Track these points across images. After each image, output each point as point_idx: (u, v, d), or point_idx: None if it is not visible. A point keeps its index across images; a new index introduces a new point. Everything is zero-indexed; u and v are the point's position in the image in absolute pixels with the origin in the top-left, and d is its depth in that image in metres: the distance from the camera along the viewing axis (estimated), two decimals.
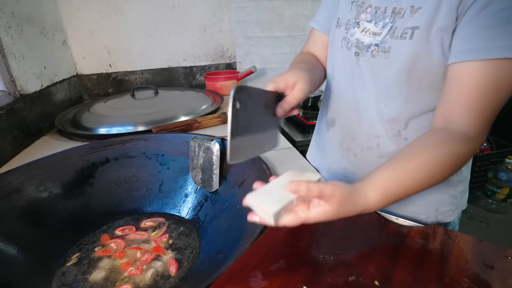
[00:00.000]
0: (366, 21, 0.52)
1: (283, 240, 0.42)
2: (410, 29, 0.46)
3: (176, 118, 0.99)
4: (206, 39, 1.47)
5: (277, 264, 0.38)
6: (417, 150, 0.40)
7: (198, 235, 0.65)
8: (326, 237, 0.42)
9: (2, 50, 0.86)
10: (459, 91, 0.42)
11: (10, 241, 0.58)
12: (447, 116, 0.43)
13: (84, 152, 0.77)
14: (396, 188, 0.38)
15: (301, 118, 1.43)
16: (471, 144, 0.41)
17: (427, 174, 0.39)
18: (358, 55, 0.55)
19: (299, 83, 0.46)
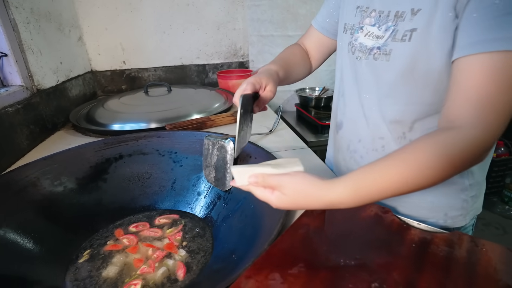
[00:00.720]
0: (370, 25, 0.53)
1: (302, 242, 0.41)
2: (410, 31, 0.46)
3: (189, 116, 0.99)
4: (219, 37, 1.47)
5: (296, 267, 0.36)
6: (402, 152, 0.38)
7: (212, 235, 0.64)
8: (346, 240, 0.41)
9: (21, 45, 0.87)
10: (459, 87, 0.40)
11: (26, 234, 0.58)
12: (449, 115, 0.41)
13: (98, 147, 0.77)
14: (370, 187, 0.36)
15: (313, 119, 1.42)
16: (473, 142, 0.37)
17: (408, 176, 0.36)
18: (361, 58, 0.56)
19: (269, 85, 0.54)
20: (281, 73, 0.60)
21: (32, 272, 0.55)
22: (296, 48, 0.72)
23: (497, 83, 0.37)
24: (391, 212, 0.47)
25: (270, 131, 0.92)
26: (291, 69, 0.66)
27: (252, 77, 0.54)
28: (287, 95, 1.63)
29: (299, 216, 0.47)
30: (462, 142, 0.37)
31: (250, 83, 0.52)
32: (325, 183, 0.37)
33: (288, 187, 0.37)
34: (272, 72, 0.58)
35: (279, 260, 0.38)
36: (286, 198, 0.38)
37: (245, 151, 0.74)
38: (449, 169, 0.36)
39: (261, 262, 0.38)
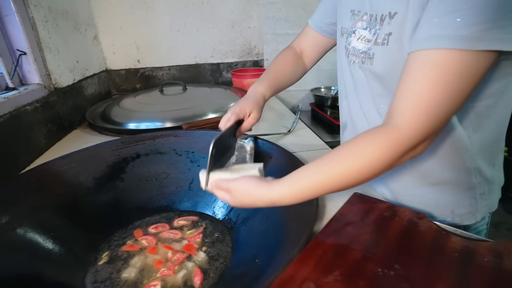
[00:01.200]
0: (362, 28, 0.53)
1: (334, 249, 0.39)
2: (387, 35, 0.47)
3: (204, 115, 0.98)
4: (234, 36, 1.45)
5: (332, 276, 0.34)
6: (329, 156, 0.41)
7: (231, 238, 0.62)
8: (381, 248, 0.38)
9: (39, 43, 0.87)
10: (400, 82, 0.40)
11: (45, 233, 0.58)
12: (391, 108, 0.41)
13: (115, 146, 0.77)
14: (303, 186, 0.40)
15: (329, 118, 1.39)
16: (399, 142, 0.38)
17: (334, 174, 0.39)
18: (354, 62, 0.56)
19: (253, 112, 0.59)
20: (269, 92, 0.63)
21: (51, 273, 0.54)
22: (288, 55, 0.72)
23: (429, 81, 0.37)
24: (427, 217, 0.44)
25: (289, 131, 0.89)
26: (282, 81, 0.67)
27: (237, 104, 0.58)
28: (302, 94, 1.61)
29: (328, 222, 0.45)
30: (388, 140, 0.38)
31: (234, 113, 0.57)
32: (267, 184, 0.42)
33: (235, 190, 0.44)
34: (258, 96, 0.61)
35: (311, 268, 0.36)
36: (236, 200, 0.45)
37: (264, 151, 0.72)
38: (369, 169, 0.38)
39: (293, 269, 0.35)
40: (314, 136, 0.87)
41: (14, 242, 0.53)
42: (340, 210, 0.47)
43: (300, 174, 0.42)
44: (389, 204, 0.48)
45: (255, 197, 0.43)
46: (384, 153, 0.38)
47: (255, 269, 0.49)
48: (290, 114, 1.10)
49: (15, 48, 0.82)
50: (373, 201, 0.49)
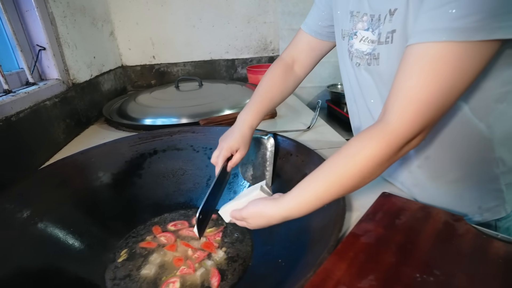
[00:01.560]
0: (363, 29, 0.51)
1: (366, 251, 0.37)
2: (390, 32, 0.45)
3: (221, 111, 0.96)
4: (249, 31, 1.43)
5: (366, 280, 0.32)
6: (330, 158, 0.41)
7: (251, 237, 0.61)
8: (417, 251, 0.36)
9: (58, 38, 0.87)
10: (395, 77, 0.39)
11: (65, 228, 0.57)
12: (386, 103, 0.40)
13: (133, 142, 0.76)
14: (308, 198, 0.41)
15: (346, 115, 1.35)
16: (392, 139, 0.37)
17: (333, 181, 0.40)
18: (359, 65, 0.54)
19: (240, 148, 0.61)
20: (257, 119, 0.64)
21: (72, 268, 0.54)
22: (276, 72, 0.69)
23: (423, 76, 0.35)
24: (464, 220, 0.41)
25: (308, 128, 0.87)
26: (270, 103, 0.67)
27: (225, 141, 0.61)
28: (318, 91, 1.58)
29: (358, 222, 0.43)
30: (382, 137, 0.37)
31: (221, 155, 0.60)
32: (274, 202, 0.44)
33: (248, 217, 0.46)
34: (244, 129, 0.62)
35: (344, 272, 0.34)
36: (253, 224, 0.46)
37: (284, 148, 0.70)
38: (367, 170, 0.38)
39: (324, 272, 0.34)
40: (334, 133, 0.85)
41: (35, 236, 0.53)
42: (369, 210, 0.45)
43: (302, 186, 0.42)
44: (421, 204, 0.45)
45: (267, 217, 0.44)
46: (377, 152, 0.37)
47: (279, 270, 0.47)
48: (307, 111, 1.08)
49: (35, 44, 0.82)
50: (403, 201, 0.47)
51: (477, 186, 0.52)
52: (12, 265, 0.47)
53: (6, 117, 0.62)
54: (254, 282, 0.50)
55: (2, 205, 0.52)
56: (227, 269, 0.54)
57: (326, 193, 0.40)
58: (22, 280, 0.47)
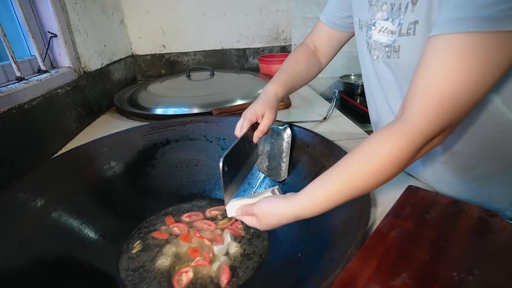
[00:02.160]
0: (382, 19, 0.48)
1: (396, 247, 0.35)
2: (413, 23, 0.42)
3: (233, 101, 0.94)
4: (261, 20, 1.39)
5: (399, 278, 0.30)
6: (347, 155, 0.39)
7: (267, 231, 0.59)
8: (453, 248, 0.34)
9: (69, 25, 0.85)
10: (416, 70, 0.36)
11: (79, 217, 0.57)
12: (405, 99, 0.37)
13: (145, 132, 0.75)
14: (322, 195, 0.39)
15: (360, 106, 1.32)
16: (411, 139, 0.34)
17: (347, 182, 0.37)
18: (378, 57, 0.51)
19: (266, 113, 0.55)
20: (282, 89, 0.60)
21: (86, 258, 0.53)
22: (300, 52, 0.67)
23: (446, 70, 0.32)
24: (499, 215, 0.39)
25: (325, 118, 0.84)
26: (295, 79, 0.64)
27: (249, 108, 0.56)
28: (330, 81, 1.54)
29: (386, 216, 0.41)
30: (398, 136, 0.35)
31: (247, 119, 0.55)
32: (286, 200, 0.42)
33: (259, 213, 0.44)
34: (269, 95, 0.58)
35: (374, 268, 0.32)
36: (263, 223, 0.45)
37: (301, 139, 0.67)
38: (384, 172, 0.36)
39: (353, 268, 0.32)
40: (351, 124, 0.82)
41: (50, 226, 0.52)
42: (396, 203, 0.43)
43: (314, 185, 0.40)
44: (451, 199, 0.43)
45: (278, 216, 0.43)
46: (395, 153, 0.35)
47: (299, 265, 0.46)
48: (321, 101, 1.05)
49: (46, 30, 0.81)
50: (432, 195, 0.44)
51: (505, 183, 0.49)
52: (29, 254, 0.46)
53: (19, 105, 0.61)
54: (272, 276, 0.49)
55: (16, 194, 0.51)
56: (239, 266, 0.52)
57: (339, 194, 0.38)
58: (39, 269, 0.46)
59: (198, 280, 0.50)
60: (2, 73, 0.66)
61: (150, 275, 0.51)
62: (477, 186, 0.50)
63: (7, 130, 0.57)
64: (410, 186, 0.47)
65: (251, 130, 0.55)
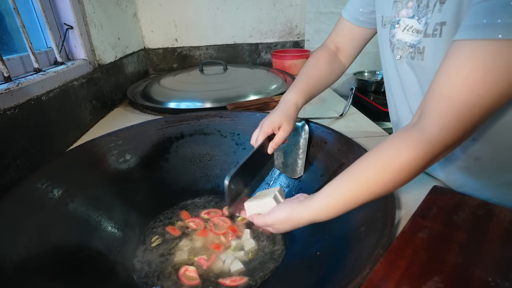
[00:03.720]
0: (408, 17, 0.46)
1: (426, 249, 0.34)
2: (439, 25, 0.40)
3: (247, 96, 0.93)
4: (275, 14, 1.37)
5: (431, 282, 0.29)
6: (361, 160, 0.38)
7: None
8: (486, 252, 0.33)
9: (85, 17, 0.85)
10: (436, 75, 0.34)
11: (95, 210, 0.57)
12: (423, 104, 0.36)
13: (160, 125, 0.74)
14: (337, 200, 0.39)
15: (374, 104, 1.30)
16: (429, 148, 0.33)
17: (362, 187, 0.37)
18: (401, 58, 0.49)
19: (283, 125, 0.54)
20: (302, 98, 0.58)
21: (103, 249, 0.53)
22: (321, 55, 0.64)
23: (470, 79, 0.31)
24: None
25: (341, 115, 0.83)
26: (316, 85, 0.62)
27: (266, 119, 0.55)
28: (343, 78, 1.51)
29: (412, 217, 0.39)
30: (416, 143, 0.34)
31: (262, 131, 0.54)
32: (300, 205, 0.42)
33: (274, 223, 0.44)
34: (288, 105, 0.56)
35: (404, 270, 0.31)
36: (280, 230, 0.45)
37: (318, 135, 0.66)
38: (400, 176, 0.35)
39: (382, 270, 0.31)
40: (369, 121, 0.80)
41: (67, 217, 0.52)
42: (422, 204, 0.41)
43: (329, 189, 0.40)
44: (480, 200, 0.41)
45: (295, 221, 0.43)
46: (412, 160, 0.34)
47: (318, 264, 0.45)
48: (336, 98, 1.03)
49: (62, 22, 0.80)
50: (459, 196, 0.43)
51: None
52: (47, 244, 0.46)
53: (37, 96, 0.61)
54: (290, 274, 0.48)
55: (35, 185, 0.51)
56: (255, 263, 0.52)
57: (353, 199, 0.38)
58: (57, 259, 0.46)
59: (209, 274, 0.49)
60: (20, 64, 0.66)
61: (164, 266, 0.51)
62: (503, 192, 0.48)
63: (26, 121, 0.57)
64: (435, 187, 0.46)
65: (266, 140, 0.55)
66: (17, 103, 0.55)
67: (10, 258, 0.40)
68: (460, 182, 0.50)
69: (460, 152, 0.48)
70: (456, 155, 0.49)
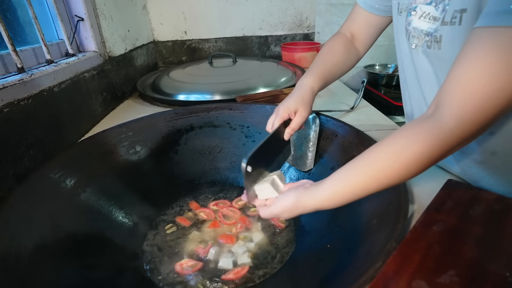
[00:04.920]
0: (425, 4, 0.44)
1: (440, 243, 0.33)
2: (459, 12, 0.38)
3: (256, 89, 0.92)
4: (285, 6, 1.35)
5: (446, 275, 0.29)
6: (371, 149, 0.37)
7: (294, 221, 0.58)
8: (503, 247, 0.32)
9: (95, 9, 0.85)
10: (455, 63, 0.33)
11: (106, 199, 0.58)
12: (439, 94, 0.34)
13: (170, 117, 0.74)
14: (345, 188, 0.38)
15: (385, 97, 1.28)
16: (445, 140, 0.32)
17: (371, 177, 0.36)
18: (416, 46, 0.47)
19: (299, 110, 0.53)
20: (318, 82, 0.57)
21: (114, 236, 0.54)
22: (337, 43, 0.63)
23: (492, 68, 0.29)
24: None
25: (352, 108, 0.82)
26: (332, 70, 0.60)
27: (282, 104, 0.54)
28: (353, 71, 1.49)
29: (426, 210, 0.39)
30: (430, 134, 0.33)
31: (279, 116, 0.52)
32: (308, 192, 0.41)
33: (283, 212, 0.43)
34: (304, 90, 0.55)
35: (418, 264, 0.30)
36: (286, 216, 0.44)
37: (329, 128, 0.65)
38: (410, 170, 0.34)
39: (395, 263, 0.30)
40: (380, 114, 0.79)
41: (80, 206, 0.53)
42: (436, 198, 0.41)
43: (337, 177, 0.39)
44: (496, 195, 0.40)
45: (301, 208, 0.42)
46: (425, 152, 0.33)
47: (329, 256, 0.45)
48: (346, 90, 1.02)
49: (73, 14, 0.81)
50: (475, 190, 0.42)
51: None
52: (61, 231, 0.47)
53: (49, 87, 0.61)
54: (300, 265, 0.48)
55: (48, 175, 0.52)
56: (264, 254, 0.52)
57: (362, 188, 0.37)
58: (70, 245, 0.47)
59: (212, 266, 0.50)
60: (32, 56, 0.67)
61: (175, 252, 0.52)
62: None
63: (39, 112, 0.58)
64: (450, 181, 0.45)
65: (282, 126, 0.53)
66: (30, 94, 0.56)
67: (25, 245, 0.41)
68: (475, 176, 0.49)
69: (476, 146, 0.47)
70: (472, 149, 0.47)
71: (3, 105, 0.50)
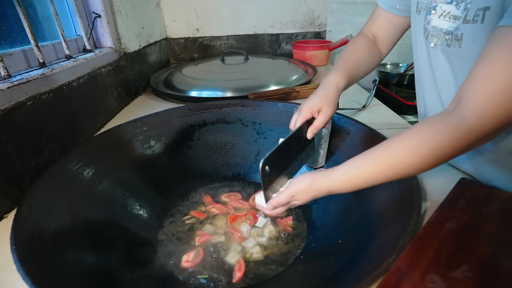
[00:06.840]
0: (445, 3, 0.44)
1: (453, 239, 0.33)
2: (482, 10, 0.38)
3: (268, 86, 0.93)
4: (296, 4, 1.36)
5: (459, 270, 0.29)
6: (391, 139, 0.38)
7: (304, 216, 0.59)
8: None
9: (112, 6, 0.87)
10: (477, 62, 0.33)
11: (124, 191, 0.59)
12: (462, 90, 0.34)
13: (183, 113, 0.76)
14: (360, 174, 0.39)
15: (396, 96, 1.27)
16: (465, 136, 0.32)
17: (388, 166, 0.37)
18: (435, 45, 0.47)
19: (323, 108, 0.52)
20: (343, 79, 0.56)
21: (128, 225, 0.56)
22: (360, 43, 0.63)
23: (510, 66, 0.29)
24: None
25: (363, 107, 0.82)
26: (357, 68, 0.60)
27: (305, 103, 0.53)
28: None
29: (439, 207, 0.39)
30: (451, 129, 0.33)
31: (301, 115, 0.52)
32: (323, 175, 0.42)
33: (297, 193, 0.44)
34: (329, 88, 0.55)
35: (431, 259, 0.31)
36: (300, 201, 0.45)
37: (341, 126, 0.66)
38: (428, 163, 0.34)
39: (408, 258, 0.31)
40: (392, 113, 0.79)
41: (98, 196, 0.55)
42: (449, 195, 0.41)
43: (354, 163, 0.40)
44: (510, 193, 0.40)
45: (316, 190, 0.43)
46: (444, 147, 0.33)
47: (340, 251, 0.45)
48: (358, 89, 1.02)
49: (91, 11, 0.83)
50: (488, 188, 0.42)
51: None
52: (79, 220, 0.49)
53: (68, 82, 0.63)
54: (310, 260, 0.49)
55: (67, 166, 0.54)
56: (275, 248, 0.53)
57: (376, 176, 0.38)
58: (88, 234, 0.49)
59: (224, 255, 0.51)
60: (52, 51, 0.69)
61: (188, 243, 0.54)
62: None
63: (59, 105, 0.60)
64: (463, 179, 0.45)
65: (305, 125, 0.53)
66: (51, 88, 0.58)
67: (48, 230, 0.43)
68: (489, 175, 0.49)
69: (491, 145, 0.47)
70: (486, 148, 0.47)
71: (27, 99, 0.51)
